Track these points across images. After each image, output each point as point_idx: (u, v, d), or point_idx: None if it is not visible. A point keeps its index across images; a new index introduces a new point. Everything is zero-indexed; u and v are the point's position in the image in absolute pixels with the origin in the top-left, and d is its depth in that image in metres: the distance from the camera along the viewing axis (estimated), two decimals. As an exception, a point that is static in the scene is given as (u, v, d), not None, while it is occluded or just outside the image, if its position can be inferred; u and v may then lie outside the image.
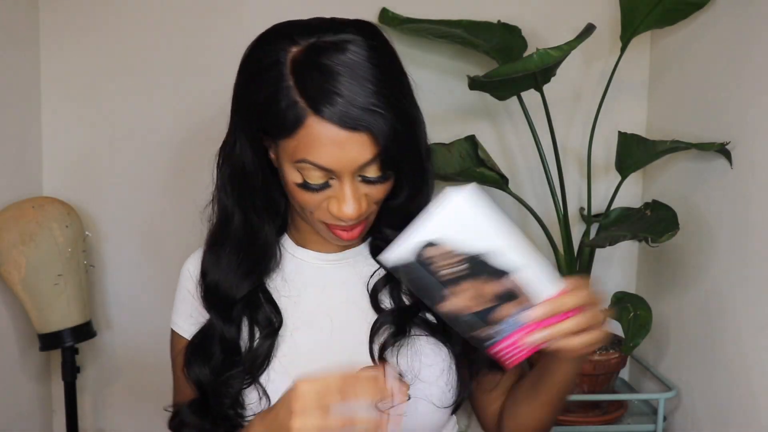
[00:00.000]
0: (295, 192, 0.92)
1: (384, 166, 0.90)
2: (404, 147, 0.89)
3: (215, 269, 1.00)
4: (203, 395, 1.00)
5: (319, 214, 0.93)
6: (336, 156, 0.86)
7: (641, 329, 1.45)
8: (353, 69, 0.85)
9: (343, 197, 0.89)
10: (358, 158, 0.87)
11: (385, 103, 0.86)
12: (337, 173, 0.88)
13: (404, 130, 0.88)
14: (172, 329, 1.08)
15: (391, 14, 1.62)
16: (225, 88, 1.79)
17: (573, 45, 1.41)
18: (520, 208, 1.66)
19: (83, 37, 1.68)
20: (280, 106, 0.87)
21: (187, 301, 1.06)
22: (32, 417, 1.69)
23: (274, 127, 0.89)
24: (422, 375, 0.97)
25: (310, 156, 0.87)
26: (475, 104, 1.76)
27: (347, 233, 0.94)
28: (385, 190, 0.93)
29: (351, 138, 0.86)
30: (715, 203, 1.50)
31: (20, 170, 1.63)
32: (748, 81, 1.40)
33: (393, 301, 1.01)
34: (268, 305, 1.00)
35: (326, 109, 0.84)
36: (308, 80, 0.86)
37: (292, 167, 0.90)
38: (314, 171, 0.88)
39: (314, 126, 0.86)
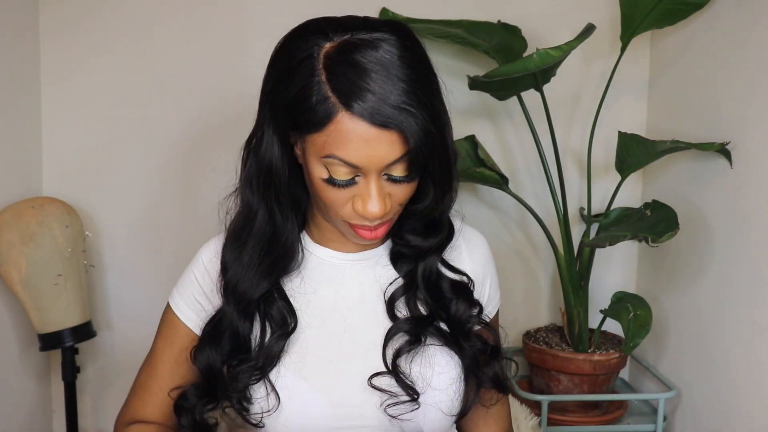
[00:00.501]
0: (320, 188, 0.91)
1: (411, 166, 0.89)
2: (433, 148, 0.89)
3: (236, 266, 0.99)
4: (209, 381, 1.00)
5: (343, 212, 0.92)
6: (364, 153, 0.86)
7: (641, 329, 1.46)
8: (386, 67, 0.85)
9: (369, 195, 0.89)
10: (387, 156, 0.87)
11: (417, 102, 0.86)
12: (363, 171, 0.88)
13: (434, 131, 0.88)
14: (170, 305, 1.07)
15: (391, 14, 1.62)
16: (225, 88, 1.80)
17: (573, 45, 1.41)
18: (520, 208, 1.67)
19: (83, 37, 1.68)
20: (311, 100, 0.86)
21: (193, 285, 1.05)
22: (32, 417, 1.69)
23: (303, 122, 0.88)
24: (434, 383, 0.97)
25: (339, 152, 0.86)
26: (475, 104, 1.76)
27: (370, 233, 0.93)
28: (409, 192, 0.93)
29: (381, 135, 0.85)
30: (715, 203, 1.50)
31: (20, 170, 1.63)
32: (748, 81, 1.40)
33: (409, 310, 1.01)
34: (284, 303, 1.00)
35: (357, 105, 0.84)
36: (341, 76, 0.85)
37: (319, 162, 0.89)
38: (341, 167, 0.88)
39: (344, 122, 0.85)
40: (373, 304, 1.02)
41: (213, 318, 1.01)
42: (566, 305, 1.66)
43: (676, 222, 1.42)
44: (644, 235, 1.43)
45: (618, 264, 1.86)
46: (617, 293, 1.60)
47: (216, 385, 1.00)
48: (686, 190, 1.61)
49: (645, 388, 1.80)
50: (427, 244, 1.01)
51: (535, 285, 1.86)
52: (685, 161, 1.62)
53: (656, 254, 1.75)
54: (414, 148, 0.86)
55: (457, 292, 1.02)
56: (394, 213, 0.94)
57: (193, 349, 1.02)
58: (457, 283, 1.03)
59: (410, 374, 0.97)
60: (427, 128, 0.87)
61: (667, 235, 1.36)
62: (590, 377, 1.61)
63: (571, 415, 1.65)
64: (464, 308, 1.02)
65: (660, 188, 1.73)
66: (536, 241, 1.83)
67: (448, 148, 0.93)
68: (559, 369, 1.61)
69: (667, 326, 1.68)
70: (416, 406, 0.96)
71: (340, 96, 0.85)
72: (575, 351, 1.64)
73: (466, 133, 1.68)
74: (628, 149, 1.56)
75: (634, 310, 1.48)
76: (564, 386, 1.62)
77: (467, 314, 1.02)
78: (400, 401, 0.96)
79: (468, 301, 1.03)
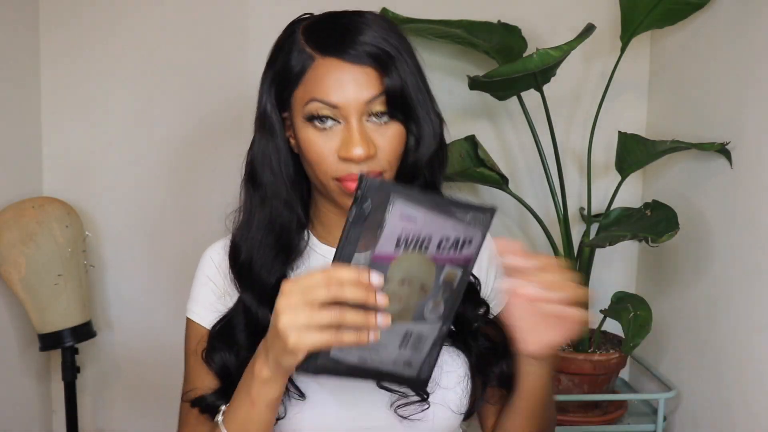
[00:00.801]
0: (308, 147, 0.92)
1: (389, 104, 0.90)
2: (409, 88, 0.91)
3: (247, 249, 0.99)
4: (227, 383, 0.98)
5: (330, 166, 0.92)
6: (341, 90, 0.89)
7: (641, 329, 1.46)
8: (364, 21, 0.92)
9: (351, 136, 0.90)
10: (364, 93, 0.89)
11: (391, 43, 0.90)
12: (343, 110, 0.89)
13: (409, 72, 0.91)
14: (189, 318, 1.05)
15: (391, 14, 1.62)
16: (225, 89, 1.80)
17: (573, 45, 1.41)
18: (520, 208, 1.67)
19: (83, 38, 1.68)
20: (291, 62, 0.92)
21: (207, 287, 1.03)
22: (32, 417, 1.69)
23: (286, 85, 0.93)
24: (442, 381, 0.98)
25: (317, 93, 0.89)
26: (475, 104, 1.76)
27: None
28: (395, 140, 0.93)
29: (356, 72, 0.89)
30: (715, 203, 1.50)
31: (20, 170, 1.63)
32: (747, 81, 1.40)
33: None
34: None
35: (332, 48, 0.89)
36: (316, 31, 0.92)
37: (303, 116, 0.92)
38: (322, 110, 0.90)
39: (320, 66, 0.90)
40: None
41: (223, 318, 1.01)
42: (566, 305, 1.66)
43: (676, 222, 1.42)
44: (644, 235, 1.43)
45: (618, 264, 1.86)
46: (617, 293, 1.60)
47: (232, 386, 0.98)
48: (686, 190, 1.61)
49: (645, 388, 1.80)
50: None
51: (535, 285, 1.86)
52: (685, 161, 1.62)
53: (656, 254, 1.74)
54: (390, 82, 0.89)
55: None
56: (381, 166, 0.93)
57: (203, 352, 1.00)
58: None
59: None
60: (403, 66, 0.90)
61: (667, 235, 1.36)
62: (590, 377, 1.61)
63: (571, 415, 1.65)
64: (471, 308, 1.02)
65: (660, 188, 1.73)
66: (536, 241, 1.83)
67: (427, 94, 0.95)
68: (559, 369, 1.61)
69: (667, 326, 1.68)
70: (426, 406, 0.96)
71: (314, 46, 0.91)
72: (575, 351, 1.64)
73: (466, 133, 1.68)
74: (628, 149, 1.56)
75: (634, 310, 1.48)
76: (564, 386, 1.62)
77: (473, 314, 1.02)
78: (410, 401, 0.96)
79: (474, 300, 1.03)
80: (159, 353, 1.75)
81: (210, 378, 1.00)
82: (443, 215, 0.78)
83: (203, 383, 1.00)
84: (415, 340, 0.84)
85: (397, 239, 0.76)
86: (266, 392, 0.84)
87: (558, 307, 0.84)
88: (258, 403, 0.85)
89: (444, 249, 0.79)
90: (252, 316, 0.98)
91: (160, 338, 1.74)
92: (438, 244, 0.79)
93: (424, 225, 0.77)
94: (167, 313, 1.70)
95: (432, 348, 0.86)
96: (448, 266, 0.81)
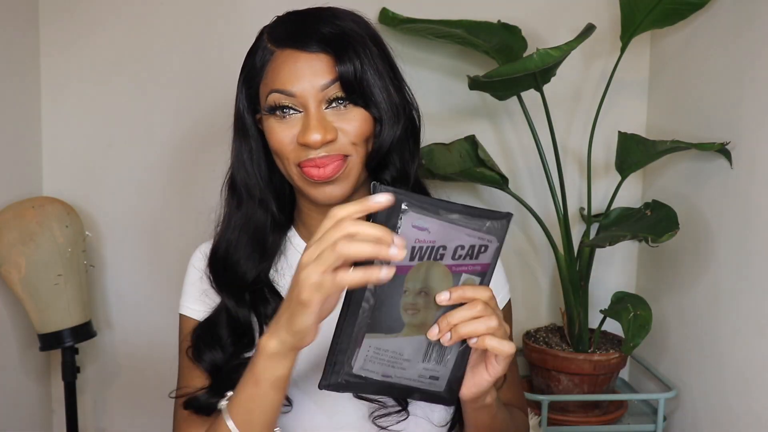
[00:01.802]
0: (271, 136, 0.94)
1: (346, 89, 0.91)
2: (367, 73, 0.92)
3: (223, 249, 1.01)
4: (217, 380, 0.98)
5: (292, 154, 0.94)
6: (297, 78, 0.91)
7: (641, 329, 1.45)
8: (324, 14, 0.95)
9: (308, 122, 0.91)
10: (318, 80, 0.91)
11: (347, 30, 0.93)
12: (301, 98, 0.92)
13: (369, 55, 0.93)
14: (181, 314, 1.06)
15: (391, 14, 1.62)
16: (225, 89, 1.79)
17: (573, 45, 1.41)
18: (520, 208, 1.66)
19: (83, 37, 1.68)
20: (256, 59, 0.96)
21: (199, 281, 1.04)
22: (32, 417, 1.69)
23: (253, 82, 0.96)
24: None
25: (275, 84, 0.92)
26: (475, 104, 1.76)
27: (318, 170, 0.92)
28: (358, 125, 0.93)
29: (309, 59, 0.91)
30: (715, 203, 1.50)
31: (20, 170, 1.63)
32: (747, 81, 1.40)
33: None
34: (278, 301, 0.99)
35: (288, 39, 0.93)
36: (278, 29, 0.96)
37: (266, 112, 0.94)
38: (282, 100, 0.92)
39: (278, 58, 0.94)
40: None
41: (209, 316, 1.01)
42: (566, 305, 1.66)
43: (676, 222, 1.41)
44: (644, 235, 1.43)
45: (618, 264, 1.86)
46: (617, 293, 1.60)
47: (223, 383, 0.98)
48: (686, 190, 1.61)
49: (645, 388, 1.80)
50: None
51: (535, 285, 1.86)
52: (685, 161, 1.62)
53: (656, 254, 1.74)
54: (344, 67, 0.90)
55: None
56: (344, 151, 0.93)
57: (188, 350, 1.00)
58: None
59: None
60: (360, 52, 0.92)
61: (667, 235, 1.36)
62: (590, 377, 1.61)
63: (571, 415, 1.65)
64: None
65: (660, 188, 1.73)
66: (536, 241, 1.83)
67: (389, 80, 0.95)
68: (559, 369, 1.61)
69: (667, 326, 1.68)
70: (404, 416, 0.95)
71: (274, 41, 0.95)
72: (575, 351, 1.64)
73: (466, 133, 1.68)
74: (628, 149, 1.56)
75: (634, 310, 1.48)
76: (564, 386, 1.62)
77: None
78: (389, 412, 0.95)
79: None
80: (159, 353, 1.74)
81: (201, 377, 0.99)
82: (457, 223, 0.77)
83: (194, 383, 1.00)
84: (437, 353, 0.83)
85: (411, 250, 0.75)
86: (272, 368, 0.81)
87: (479, 349, 0.81)
88: (262, 382, 0.82)
89: (460, 257, 0.78)
90: (232, 315, 0.99)
91: (160, 338, 1.74)
92: (453, 253, 0.78)
93: (438, 234, 0.76)
94: (167, 313, 1.69)
95: (457, 360, 0.84)
96: (465, 275, 0.80)
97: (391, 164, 0.97)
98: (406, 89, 1.00)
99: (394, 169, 0.98)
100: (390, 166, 0.97)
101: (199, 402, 0.97)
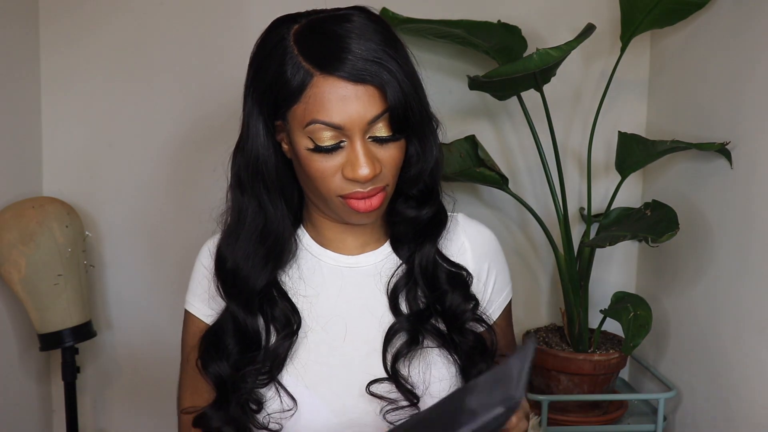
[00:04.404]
0: (308, 162, 0.90)
1: (393, 122, 0.89)
2: (411, 104, 0.89)
3: (232, 256, 0.98)
4: (223, 392, 0.98)
5: (334, 184, 0.91)
6: (344, 111, 0.86)
7: (641, 329, 1.46)
8: (355, 31, 0.87)
9: (356, 157, 0.88)
10: (367, 113, 0.87)
11: (390, 57, 0.87)
12: (347, 132, 0.88)
13: (410, 87, 0.89)
14: (187, 311, 1.05)
15: (391, 14, 1.62)
16: (225, 89, 1.80)
17: (573, 45, 1.41)
18: (520, 208, 1.67)
19: (83, 37, 1.68)
20: (287, 75, 0.88)
21: (206, 279, 1.03)
22: (32, 417, 1.69)
23: (283, 98, 0.89)
24: (432, 388, 0.97)
25: (319, 115, 0.87)
26: (475, 104, 1.76)
27: (364, 203, 0.91)
28: (397, 155, 0.92)
29: (358, 91, 0.86)
30: (715, 203, 1.50)
31: (20, 170, 1.63)
32: (747, 81, 1.40)
33: (409, 304, 1.00)
34: (286, 303, 0.99)
35: (330, 66, 0.86)
36: (312, 44, 0.88)
37: (303, 135, 0.89)
38: (324, 131, 0.88)
39: (320, 84, 0.87)
40: (375, 307, 1.01)
41: (213, 325, 1.00)
42: (566, 305, 1.66)
43: (676, 222, 1.41)
44: (644, 235, 1.43)
45: (618, 264, 1.86)
46: (617, 293, 1.60)
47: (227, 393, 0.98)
48: (686, 190, 1.61)
49: (645, 388, 1.80)
50: (423, 214, 1.00)
51: (535, 285, 1.86)
52: (685, 161, 1.62)
53: (656, 254, 1.75)
54: (393, 101, 0.87)
55: (453, 284, 1.01)
56: (385, 181, 0.92)
57: (197, 360, 0.99)
58: (453, 274, 1.02)
59: (409, 377, 0.96)
60: (403, 82, 0.88)
61: (667, 235, 1.36)
62: (590, 377, 1.61)
63: (571, 415, 1.65)
64: (459, 301, 1.00)
65: (660, 188, 1.73)
66: (536, 241, 1.83)
67: (426, 105, 0.94)
68: (559, 369, 1.61)
69: (667, 326, 1.68)
70: (415, 412, 0.95)
71: (312, 62, 0.87)
72: (575, 351, 1.64)
73: (466, 133, 1.68)
74: (628, 149, 1.56)
75: (634, 310, 1.48)
76: (564, 386, 1.62)
77: (462, 308, 1.00)
78: (399, 407, 0.95)
79: (463, 294, 1.01)
80: (159, 353, 1.75)
81: (208, 388, 0.99)
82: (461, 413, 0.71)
83: (202, 397, 1.00)
84: None
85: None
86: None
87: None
88: None
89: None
90: (240, 324, 0.97)
91: (160, 338, 1.74)
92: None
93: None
94: (167, 313, 1.70)
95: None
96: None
97: (422, 183, 0.99)
98: (429, 105, 0.97)
99: (423, 186, 0.99)
100: (420, 184, 0.99)
101: (207, 418, 0.97)
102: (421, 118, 0.92)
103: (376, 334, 0.99)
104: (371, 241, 1.03)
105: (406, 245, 1.02)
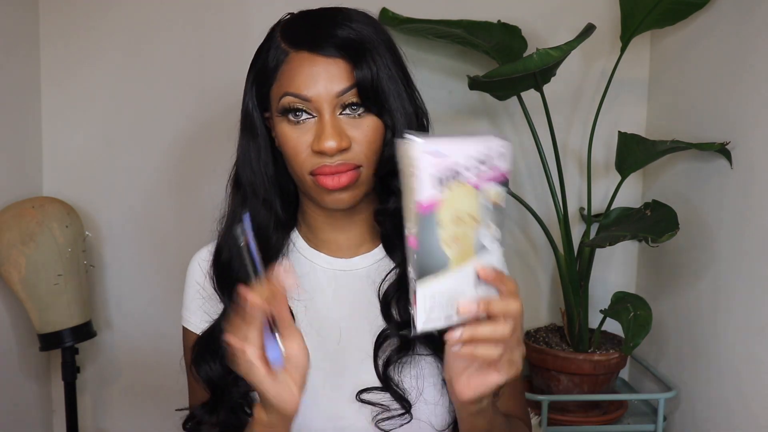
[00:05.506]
0: (285, 142, 0.92)
1: (363, 96, 0.90)
2: (383, 82, 0.91)
3: (227, 250, 0.99)
4: (215, 394, 0.98)
5: (305, 161, 0.92)
6: (313, 83, 0.89)
7: (641, 329, 1.46)
8: (341, 15, 0.93)
9: (323, 128, 0.90)
10: (335, 86, 0.89)
11: (365, 34, 0.91)
12: (316, 103, 0.90)
13: (384, 62, 0.91)
14: (184, 326, 1.06)
15: (391, 14, 1.62)
16: (225, 89, 1.80)
17: (573, 45, 1.41)
18: (520, 208, 1.67)
19: (83, 37, 1.68)
20: (268, 59, 0.94)
21: (198, 294, 1.03)
22: (32, 417, 1.69)
23: (264, 82, 0.94)
24: (425, 394, 0.96)
25: (290, 87, 0.90)
26: (475, 104, 1.76)
27: (332, 179, 0.91)
28: (370, 132, 0.92)
29: (326, 64, 0.90)
30: (715, 203, 1.50)
31: (20, 170, 1.63)
32: (747, 81, 1.40)
33: (399, 310, 0.99)
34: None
35: (303, 42, 0.91)
36: (293, 28, 0.93)
37: (279, 115, 0.92)
38: (295, 103, 0.91)
39: (293, 60, 0.91)
40: (368, 311, 1.00)
41: (209, 326, 1.00)
42: (566, 305, 1.66)
43: (676, 222, 1.41)
44: (644, 235, 1.43)
45: (618, 264, 1.86)
46: (617, 293, 1.60)
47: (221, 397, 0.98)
48: (686, 190, 1.61)
49: (645, 388, 1.80)
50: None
51: (535, 285, 1.86)
52: (685, 161, 1.62)
53: (656, 254, 1.75)
54: (361, 75, 0.89)
55: None
56: (357, 161, 0.92)
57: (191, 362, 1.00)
58: None
59: (401, 384, 0.95)
60: (376, 58, 0.90)
61: (667, 235, 1.36)
62: (590, 377, 1.61)
63: (571, 415, 1.65)
64: None
65: (660, 188, 1.73)
66: (536, 241, 1.83)
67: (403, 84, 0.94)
68: (559, 369, 1.61)
69: (667, 326, 1.68)
70: (408, 419, 0.95)
71: (288, 41, 0.92)
72: (575, 351, 1.64)
73: (466, 133, 1.68)
74: (628, 149, 1.56)
75: (634, 310, 1.48)
76: (564, 386, 1.62)
77: None
78: (392, 415, 0.95)
79: None
80: (159, 353, 1.75)
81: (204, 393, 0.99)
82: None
83: (197, 400, 1.00)
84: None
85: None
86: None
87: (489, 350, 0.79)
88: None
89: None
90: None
91: (160, 338, 1.74)
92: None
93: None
94: (167, 313, 1.70)
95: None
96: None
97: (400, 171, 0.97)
98: (418, 95, 0.98)
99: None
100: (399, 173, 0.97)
101: (195, 419, 0.98)
102: (393, 96, 0.92)
103: (370, 339, 0.98)
104: (364, 242, 1.02)
105: (398, 248, 1.01)
